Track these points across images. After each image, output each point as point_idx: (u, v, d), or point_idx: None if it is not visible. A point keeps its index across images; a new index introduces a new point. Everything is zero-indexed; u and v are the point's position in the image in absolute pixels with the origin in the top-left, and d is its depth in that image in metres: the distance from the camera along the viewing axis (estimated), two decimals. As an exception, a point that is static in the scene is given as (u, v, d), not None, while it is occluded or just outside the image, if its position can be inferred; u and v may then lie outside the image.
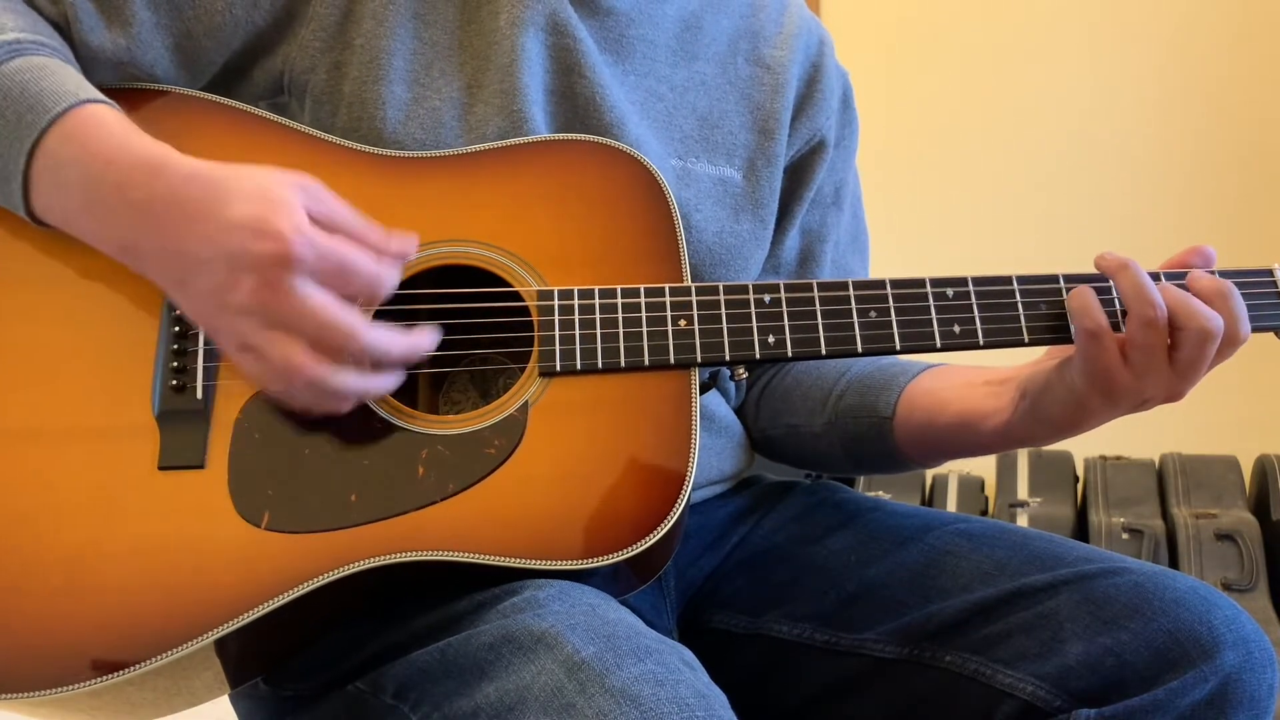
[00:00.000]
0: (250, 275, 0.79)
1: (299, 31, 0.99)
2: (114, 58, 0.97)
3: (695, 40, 1.12)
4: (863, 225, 1.26)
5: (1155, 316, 0.88)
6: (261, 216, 0.79)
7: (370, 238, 0.84)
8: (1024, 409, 0.97)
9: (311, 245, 0.79)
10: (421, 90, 0.99)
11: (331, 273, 0.80)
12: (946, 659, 0.94)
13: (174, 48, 0.98)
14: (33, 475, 0.85)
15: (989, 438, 1.01)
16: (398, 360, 0.85)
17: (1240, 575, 2.31)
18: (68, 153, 0.85)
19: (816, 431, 1.12)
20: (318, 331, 0.80)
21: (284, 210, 0.80)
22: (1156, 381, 0.90)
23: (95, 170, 0.84)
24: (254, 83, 1.02)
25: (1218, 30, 2.92)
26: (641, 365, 0.91)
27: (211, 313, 0.82)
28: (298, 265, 0.79)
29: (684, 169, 1.06)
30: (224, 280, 0.80)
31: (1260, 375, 2.63)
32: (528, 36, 1.02)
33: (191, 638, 0.80)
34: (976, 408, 1.01)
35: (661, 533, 0.85)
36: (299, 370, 0.81)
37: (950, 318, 0.94)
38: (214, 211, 0.81)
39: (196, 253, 0.81)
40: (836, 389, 1.11)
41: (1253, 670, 0.86)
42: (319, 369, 0.81)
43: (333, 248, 0.81)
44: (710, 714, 0.71)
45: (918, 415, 1.05)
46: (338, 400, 0.84)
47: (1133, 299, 0.89)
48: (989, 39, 3.05)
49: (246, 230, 0.79)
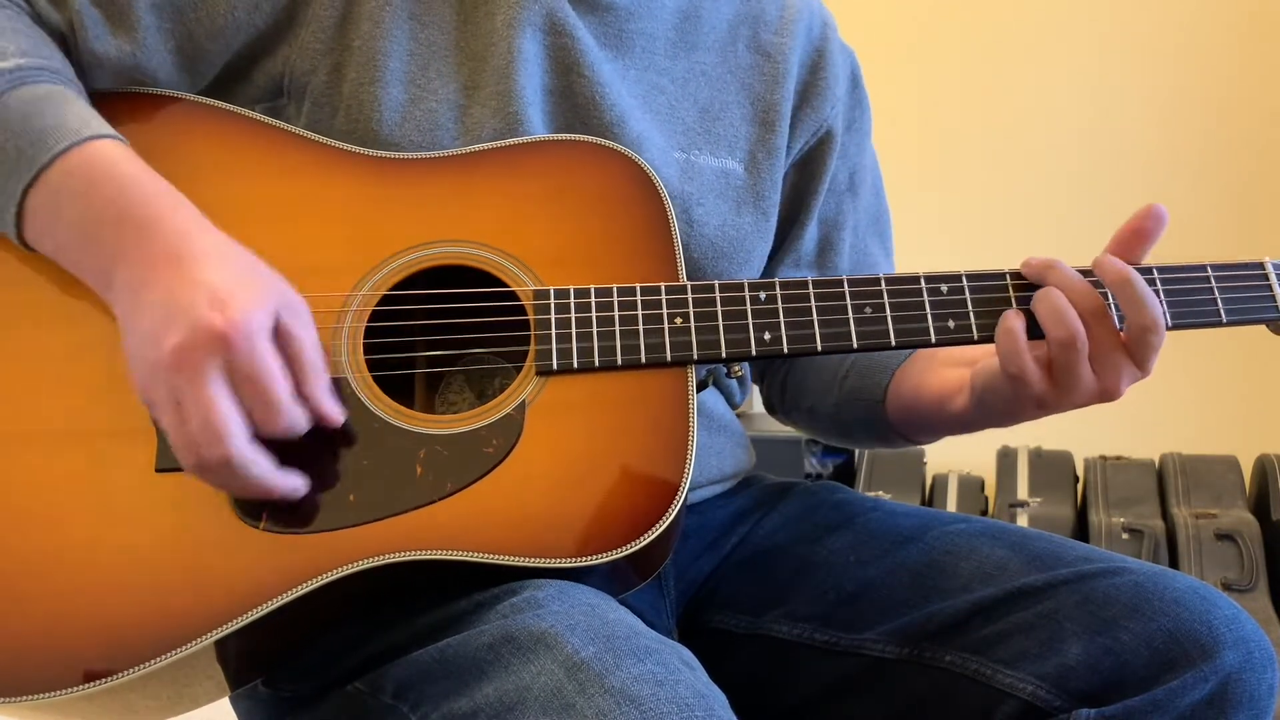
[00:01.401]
0: (180, 335, 0.78)
1: (299, 34, 1.00)
2: (119, 64, 0.97)
3: (695, 29, 1.12)
4: (884, 206, 1.25)
5: (1068, 336, 0.90)
6: (227, 291, 0.79)
7: (316, 379, 0.83)
8: (975, 399, 0.99)
9: (249, 341, 0.79)
10: (418, 92, 0.99)
11: (246, 379, 0.79)
12: (946, 659, 0.94)
13: (176, 50, 0.98)
14: (30, 477, 0.85)
15: (955, 418, 1.03)
16: (254, 486, 0.82)
17: (1240, 575, 2.31)
18: (67, 189, 0.85)
19: (830, 411, 1.17)
20: (199, 423, 0.79)
21: (254, 302, 0.80)
22: (1084, 389, 0.92)
23: (93, 209, 0.84)
24: (253, 84, 1.02)
25: (1223, 30, 2.92)
26: (638, 363, 0.91)
27: (135, 353, 0.82)
28: (225, 351, 0.78)
29: (687, 161, 1.06)
30: (158, 327, 0.79)
31: (1260, 375, 2.64)
32: (524, 37, 1.01)
33: (190, 639, 0.80)
34: (944, 388, 1.03)
35: (659, 530, 0.85)
36: (175, 448, 0.80)
37: (945, 313, 0.94)
38: (191, 268, 0.81)
39: (153, 294, 0.81)
40: (841, 370, 1.15)
41: (1253, 670, 0.86)
42: (191, 455, 0.80)
43: (265, 361, 0.79)
44: (710, 714, 0.71)
45: (904, 397, 1.08)
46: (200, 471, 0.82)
47: (1049, 321, 0.91)
48: (990, 38, 3.05)
49: (205, 294, 0.79)
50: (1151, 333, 0.90)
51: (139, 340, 0.81)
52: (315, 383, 0.83)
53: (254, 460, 0.81)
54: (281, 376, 0.81)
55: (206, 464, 0.80)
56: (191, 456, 0.80)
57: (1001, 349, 0.92)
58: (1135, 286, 0.90)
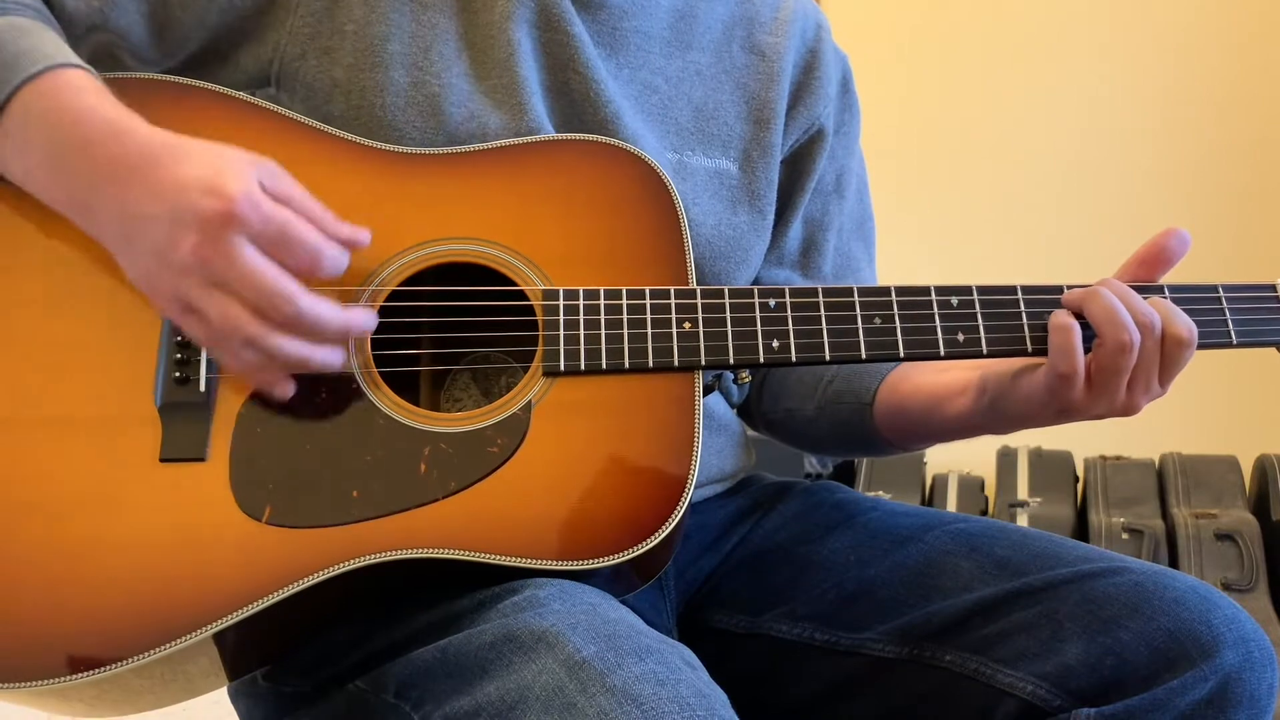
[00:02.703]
0: (193, 232, 0.79)
1: (286, 19, 0.99)
2: (87, 20, 0.97)
3: (690, 29, 1.12)
4: (868, 211, 1.25)
5: (1127, 341, 0.90)
6: (213, 176, 0.79)
7: (319, 217, 0.84)
8: (984, 404, 0.99)
9: (257, 209, 0.79)
10: (420, 74, 0.99)
11: (274, 239, 0.80)
12: (946, 658, 0.94)
13: (149, 15, 0.98)
14: (34, 466, 0.85)
15: (953, 422, 1.03)
16: (335, 333, 0.84)
17: (1240, 575, 2.32)
18: (37, 109, 0.85)
19: (810, 416, 1.15)
20: (254, 294, 0.80)
21: (236, 174, 0.80)
22: (1113, 401, 0.92)
23: (63, 128, 0.84)
24: (240, 69, 1.01)
25: (1225, 35, 2.92)
26: (645, 367, 0.91)
27: (153, 271, 0.82)
28: (241, 225, 0.78)
29: (680, 163, 1.06)
30: (167, 236, 0.80)
31: (1260, 375, 2.63)
32: (520, 32, 1.01)
33: (191, 630, 0.80)
34: (944, 389, 1.03)
35: (663, 535, 0.85)
36: (236, 327, 0.80)
37: (954, 325, 0.94)
38: (168, 169, 0.81)
39: (144, 208, 0.81)
40: (826, 375, 1.14)
41: (1253, 669, 0.86)
42: (255, 327, 0.80)
43: (278, 215, 0.80)
44: (711, 713, 0.71)
45: (894, 400, 1.08)
46: (275, 370, 0.84)
47: (1107, 326, 0.90)
48: (993, 44, 3.05)
49: (195, 188, 0.79)
50: (1185, 348, 0.91)
51: (151, 259, 0.81)
52: (325, 221, 0.84)
53: (320, 304, 0.82)
54: (300, 220, 0.82)
55: (264, 338, 0.80)
56: (250, 330, 0.80)
57: (1055, 345, 0.92)
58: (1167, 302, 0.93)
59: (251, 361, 0.83)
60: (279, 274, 0.80)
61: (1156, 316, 0.91)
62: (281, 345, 0.81)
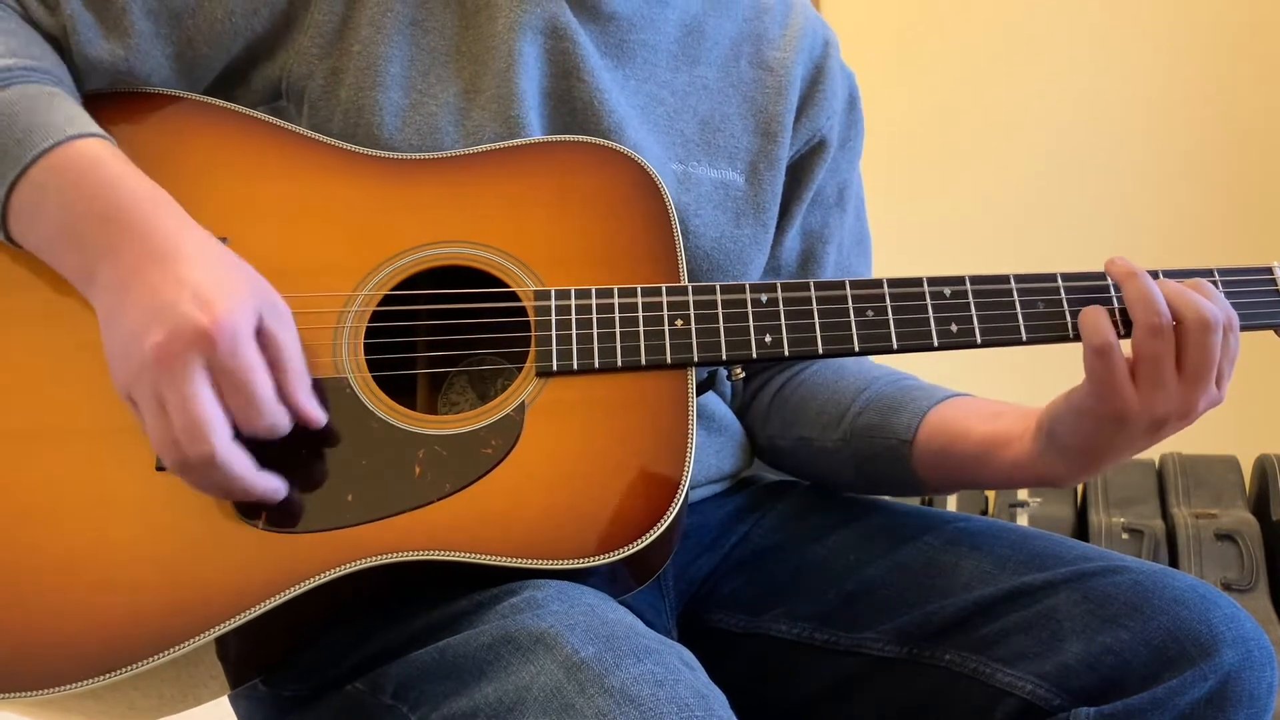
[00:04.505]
0: (163, 333, 0.78)
1: (297, 39, 1.00)
2: (112, 68, 0.97)
3: (697, 45, 1.12)
4: (866, 229, 1.25)
5: (1160, 323, 0.87)
6: (211, 291, 0.79)
7: (297, 381, 0.84)
8: (1042, 440, 0.94)
9: (233, 341, 0.79)
10: (419, 96, 1.00)
11: (230, 377, 0.79)
12: (946, 658, 0.94)
13: (175, 56, 0.98)
14: (31, 475, 0.85)
15: (1009, 468, 0.97)
16: (235, 487, 0.82)
17: (1240, 575, 2.31)
18: (51, 185, 0.85)
19: (829, 447, 1.09)
20: (182, 421, 0.79)
21: (235, 299, 0.80)
22: (1167, 396, 0.88)
23: (77, 207, 0.84)
24: (252, 88, 1.02)
25: (1217, 31, 2.92)
26: (638, 365, 0.91)
27: (117, 352, 0.82)
28: (208, 349, 0.78)
29: (685, 173, 1.06)
30: (140, 325, 0.80)
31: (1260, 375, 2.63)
32: (525, 40, 1.02)
33: (189, 637, 0.80)
34: (999, 434, 0.98)
35: (658, 533, 0.85)
36: (161, 443, 0.80)
37: (948, 317, 0.93)
38: (174, 267, 0.81)
39: (135, 293, 0.81)
40: (855, 406, 1.08)
41: (1252, 669, 0.86)
42: (175, 453, 0.80)
43: (249, 359, 0.80)
44: (710, 714, 0.71)
45: (939, 440, 1.01)
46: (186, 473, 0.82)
47: (1138, 307, 0.88)
48: (986, 40, 3.05)
49: (188, 293, 0.79)
50: (1210, 331, 0.88)
51: (122, 339, 0.82)
52: (297, 385, 0.84)
53: (235, 459, 0.81)
54: (264, 376, 0.81)
55: (189, 462, 0.80)
56: (174, 454, 0.80)
57: (1085, 322, 0.89)
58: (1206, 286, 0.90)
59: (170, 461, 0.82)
60: (214, 414, 0.79)
61: (1194, 299, 0.88)
62: (192, 477, 0.81)
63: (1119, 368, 0.88)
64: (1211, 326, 0.87)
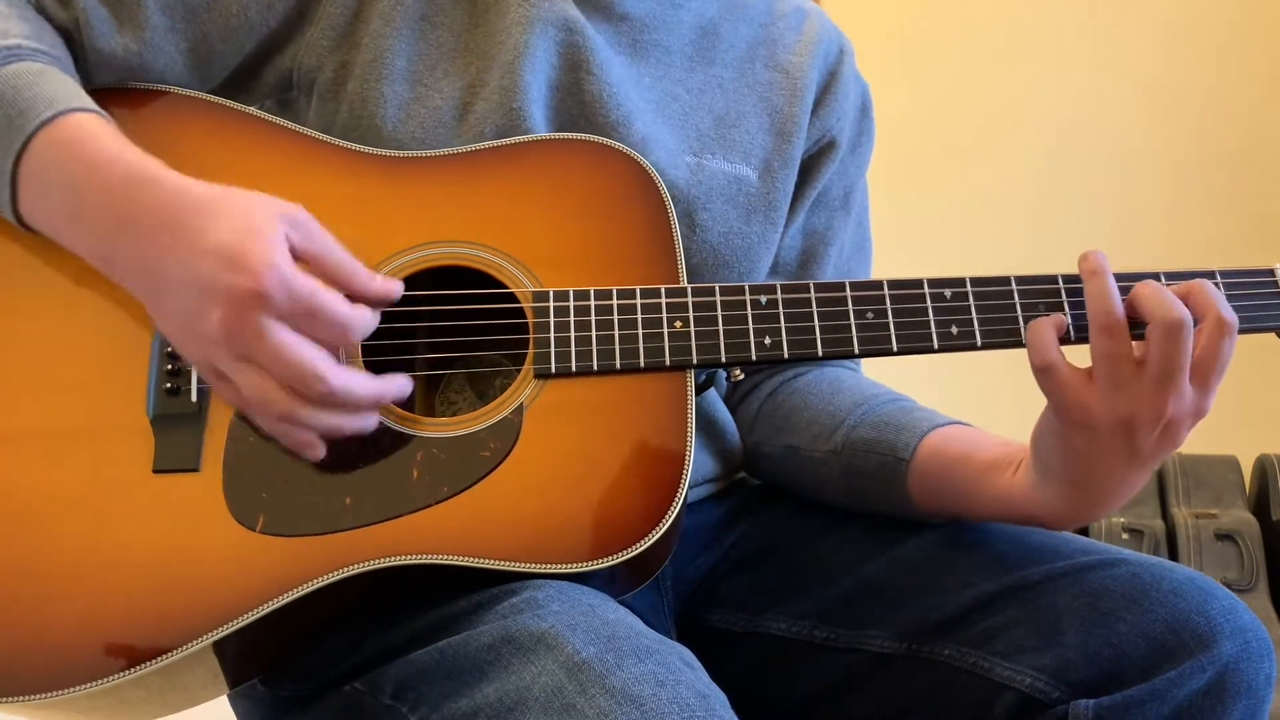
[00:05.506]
0: (219, 307, 0.78)
1: (309, 31, 1.00)
2: (124, 63, 0.97)
3: (712, 46, 1.12)
4: (868, 236, 1.25)
5: (1112, 322, 0.85)
6: (238, 247, 0.78)
7: (353, 277, 0.84)
8: (1037, 467, 0.91)
9: (284, 285, 0.78)
10: (423, 90, 1.00)
11: (302, 315, 0.79)
12: (945, 653, 0.94)
13: (189, 51, 0.99)
14: (27, 478, 0.85)
15: (1003, 494, 0.94)
16: (365, 405, 0.83)
17: (1240, 575, 2.31)
18: (53, 157, 0.84)
19: (817, 458, 1.07)
20: (284, 371, 0.79)
21: (262, 243, 0.79)
22: (1130, 396, 0.85)
23: (79, 177, 0.84)
24: (264, 81, 1.03)
25: (1218, 30, 2.92)
26: (637, 367, 0.91)
27: (182, 335, 0.82)
28: (268, 303, 0.78)
29: (698, 165, 1.06)
30: (194, 307, 0.79)
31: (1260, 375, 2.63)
32: (535, 34, 1.02)
33: (187, 641, 0.80)
34: (999, 459, 0.96)
35: (657, 535, 0.85)
36: (267, 402, 0.80)
37: (948, 319, 0.93)
38: (192, 234, 0.80)
39: (170, 273, 0.81)
40: (850, 419, 1.05)
41: (1250, 660, 0.86)
42: (286, 404, 0.80)
43: (306, 290, 0.79)
44: (711, 714, 0.71)
45: (938, 461, 0.99)
46: (309, 437, 0.84)
47: (1092, 304, 0.86)
48: (987, 39, 3.05)
49: (221, 259, 0.78)
50: (1227, 335, 0.86)
51: (178, 323, 0.82)
52: (358, 281, 0.84)
53: (354, 380, 0.81)
54: (326, 294, 0.80)
55: (297, 413, 0.80)
56: (283, 406, 0.80)
57: (1029, 340, 0.88)
58: (1206, 288, 0.87)
59: (284, 430, 0.83)
60: (309, 353, 0.79)
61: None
62: (314, 419, 0.82)
63: (1066, 381, 0.86)
64: (1175, 328, 0.84)
